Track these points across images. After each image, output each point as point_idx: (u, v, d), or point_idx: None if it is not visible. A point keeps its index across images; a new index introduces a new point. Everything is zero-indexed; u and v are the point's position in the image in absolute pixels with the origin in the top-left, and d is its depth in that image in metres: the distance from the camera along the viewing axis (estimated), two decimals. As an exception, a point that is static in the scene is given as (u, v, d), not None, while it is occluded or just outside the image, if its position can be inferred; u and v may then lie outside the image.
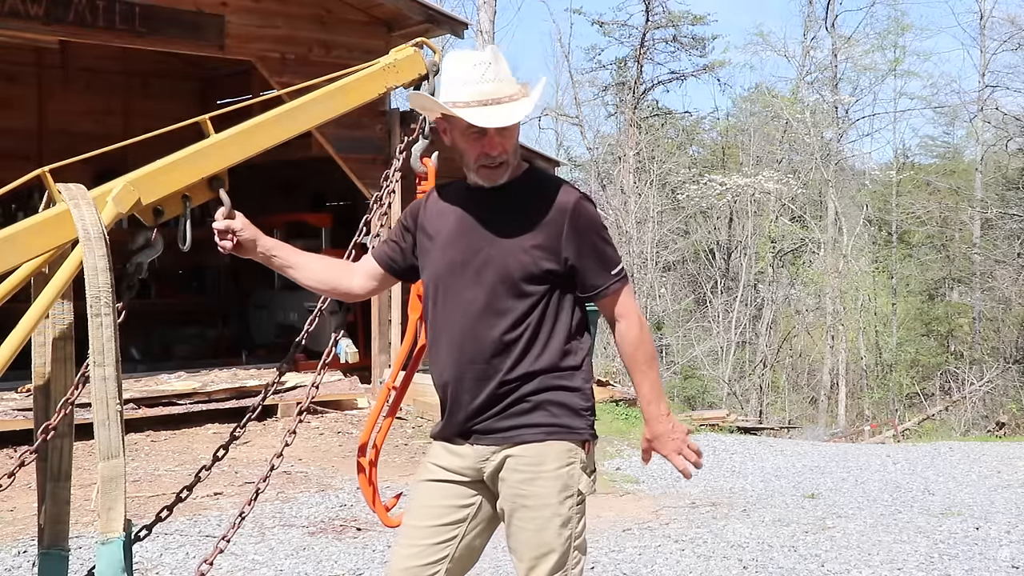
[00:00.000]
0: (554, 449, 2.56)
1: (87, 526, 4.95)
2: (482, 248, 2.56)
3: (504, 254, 2.54)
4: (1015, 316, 27.26)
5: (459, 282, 2.58)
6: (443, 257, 2.62)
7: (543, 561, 2.55)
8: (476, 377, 2.56)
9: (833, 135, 28.90)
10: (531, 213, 2.55)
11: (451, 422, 2.62)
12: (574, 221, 2.54)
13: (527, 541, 2.57)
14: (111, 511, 2.40)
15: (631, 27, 28.18)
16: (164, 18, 8.41)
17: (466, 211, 2.61)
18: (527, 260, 2.53)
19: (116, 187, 2.58)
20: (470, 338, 2.56)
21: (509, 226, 2.55)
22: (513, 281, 2.54)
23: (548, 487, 2.55)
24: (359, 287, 2.85)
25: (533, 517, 2.56)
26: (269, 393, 3.10)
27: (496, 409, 2.56)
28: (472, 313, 2.56)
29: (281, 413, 8.82)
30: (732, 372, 26.60)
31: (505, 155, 2.56)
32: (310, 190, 12.66)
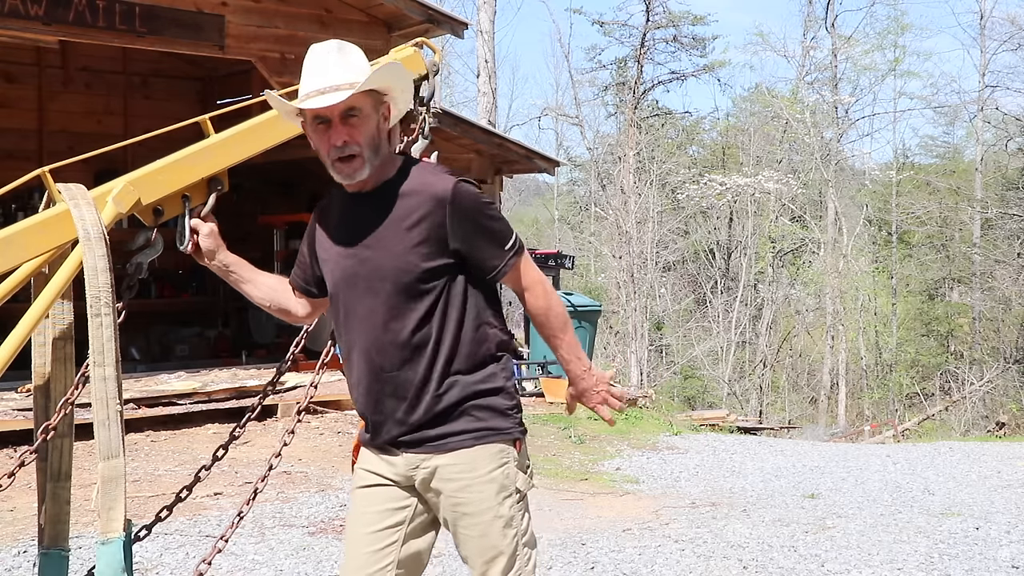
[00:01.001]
0: (485, 453, 2.53)
1: (87, 526, 4.95)
2: (369, 255, 2.50)
3: (391, 258, 2.48)
4: (1015, 316, 27.27)
5: (355, 293, 2.53)
6: (337, 270, 2.58)
7: (493, 565, 2.54)
8: (392, 388, 2.51)
9: (833, 135, 28.92)
10: (410, 209, 2.48)
11: (377, 434, 2.58)
12: (455, 207, 2.46)
13: (474, 547, 2.56)
14: (111, 511, 2.40)
15: (631, 27, 28.25)
16: (164, 18, 8.41)
17: (349, 219, 2.57)
18: (415, 259, 2.47)
19: (116, 187, 2.58)
20: (377, 349, 2.51)
21: (391, 227, 2.49)
22: (406, 284, 2.47)
23: (485, 491, 2.53)
24: (301, 310, 2.82)
25: (475, 523, 2.54)
26: (269, 393, 3.10)
27: (418, 418, 2.51)
28: (374, 324, 2.51)
29: (281, 413, 8.82)
30: (732, 372, 26.61)
31: (355, 146, 2.49)
32: (310, 190, 12.65)
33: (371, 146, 2.51)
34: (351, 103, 2.48)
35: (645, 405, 12.08)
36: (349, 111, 2.49)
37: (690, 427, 11.55)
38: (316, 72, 2.51)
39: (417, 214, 2.46)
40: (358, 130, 2.50)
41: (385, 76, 2.54)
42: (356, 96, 2.47)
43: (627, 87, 28.11)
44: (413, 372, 2.49)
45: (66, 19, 7.98)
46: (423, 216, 2.46)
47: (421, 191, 2.49)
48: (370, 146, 2.51)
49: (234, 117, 2.96)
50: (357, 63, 2.52)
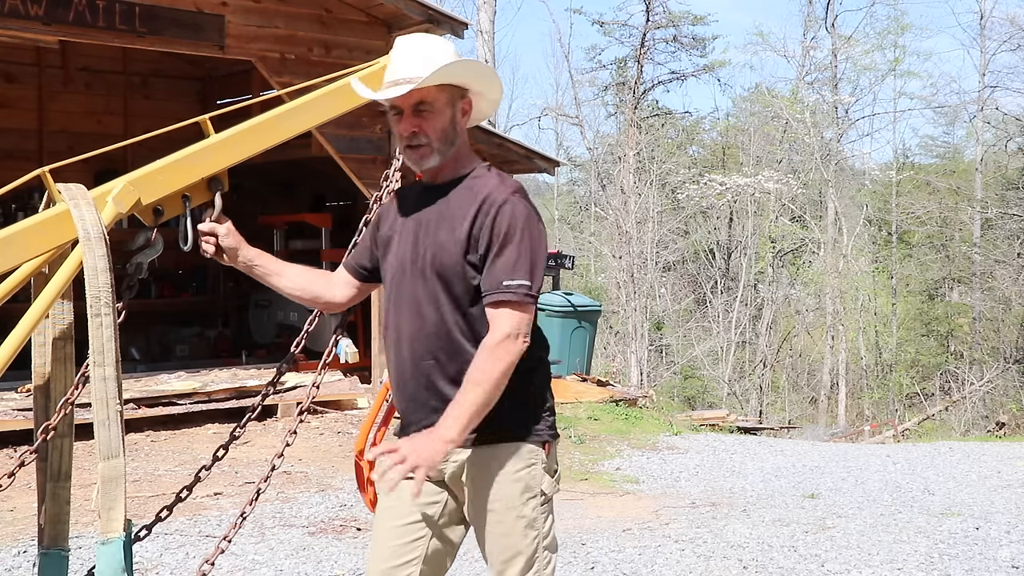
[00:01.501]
0: (514, 451, 2.55)
1: (87, 526, 4.95)
2: (424, 245, 2.55)
3: (442, 251, 2.51)
4: (1015, 316, 27.27)
5: (408, 280, 2.57)
6: (396, 256, 2.62)
7: (512, 564, 2.55)
8: (429, 376, 2.54)
9: (833, 135, 28.91)
10: (466, 208, 2.51)
11: (410, 422, 2.60)
12: (495, 216, 2.46)
13: (494, 545, 2.57)
14: (111, 511, 2.40)
15: (631, 27, 28.24)
16: (164, 18, 8.41)
17: (416, 210, 2.61)
18: (460, 256, 2.49)
19: (116, 187, 2.58)
20: (420, 337, 2.54)
21: (447, 222, 2.53)
22: (451, 278, 2.50)
23: (510, 490, 2.54)
24: (340, 296, 2.85)
25: (498, 520, 2.55)
26: (269, 393, 3.10)
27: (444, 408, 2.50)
28: (418, 312, 2.54)
29: (281, 413, 8.82)
30: (732, 372, 26.61)
31: (423, 136, 2.53)
32: (310, 190, 12.66)
33: (441, 138, 2.55)
34: (422, 96, 2.52)
35: (645, 405, 12.08)
36: (420, 104, 2.53)
37: (690, 427, 11.55)
38: (394, 63, 2.57)
39: (470, 213, 2.49)
40: (428, 122, 2.53)
41: (456, 71, 2.54)
42: (429, 90, 2.52)
43: (627, 87, 28.11)
44: (449, 364, 2.51)
45: (66, 19, 7.98)
46: (472, 216, 2.48)
47: (480, 193, 2.52)
48: (440, 138, 2.55)
49: (234, 117, 2.96)
50: (434, 56, 2.53)
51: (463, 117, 2.61)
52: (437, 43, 2.60)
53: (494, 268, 2.45)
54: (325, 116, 3.03)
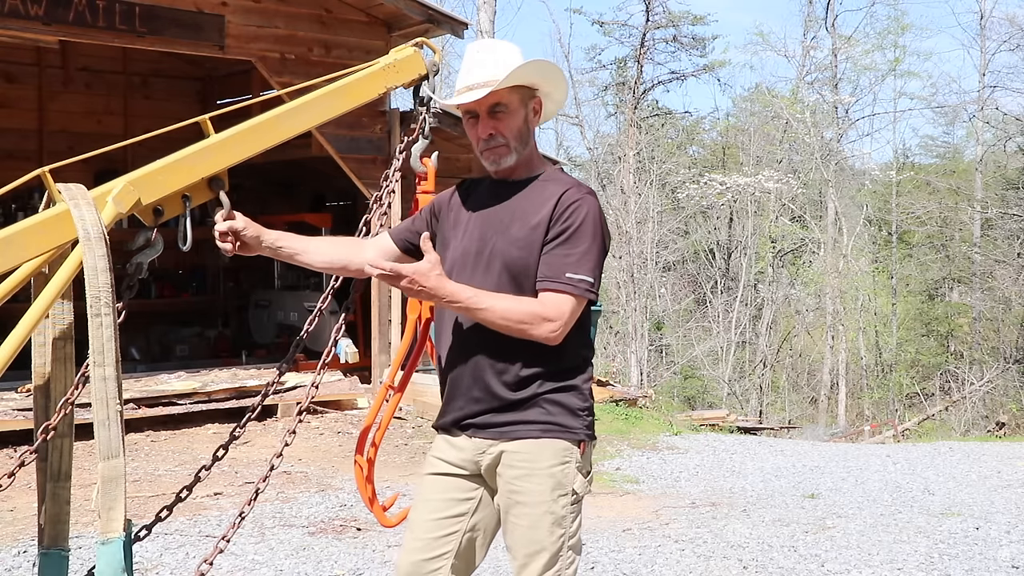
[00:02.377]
0: (549, 447, 2.57)
1: (87, 526, 4.95)
2: (492, 238, 2.59)
3: (510, 245, 2.56)
4: (1015, 316, 27.26)
5: (469, 273, 2.59)
6: (458, 247, 2.66)
7: (535, 559, 2.56)
8: (476, 367, 2.58)
9: (833, 135, 28.91)
10: (539, 206, 2.57)
11: (449, 409, 2.65)
12: (565, 209, 2.52)
13: (520, 538, 2.58)
14: (111, 511, 2.40)
15: (631, 27, 28.23)
16: (164, 18, 8.41)
17: (484, 204, 2.66)
18: (530, 253, 2.54)
19: (116, 187, 2.58)
20: (473, 328, 2.57)
21: (519, 218, 2.58)
22: (514, 272, 2.55)
23: (542, 484, 2.56)
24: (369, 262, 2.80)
25: (526, 514, 2.57)
26: (269, 393, 3.10)
27: (494, 403, 2.57)
28: None
29: (281, 413, 8.82)
30: (732, 372, 26.60)
31: (500, 137, 2.61)
32: (310, 190, 12.67)
33: (517, 138, 2.63)
34: (496, 99, 2.60)
35: (645, 405, 12.08)
36: (495, 106, 2.61)
37: (690, 427, 11.55)
38: (465, 70, 2.64)
39: (545, 210, 2.55)
40: (503, 123, 2.62)
41: (529, 72, 2.61)
42: (502, 92, 2.59)
43: (627, 87, 28.10)
44: (497, 356, 2.55)
45: (66, 19, 7.98)
46: (543, 213, 2.54)
47: (556, 190, 2.57)
48: (516, 138, 2.63)
49: (234, 117, 2.96)
50: (504, 60, 2.61)
51: (535, 117, 2.69)
52: (505, 47, 2.68)
53: (559, 258, 2.50)
54: (325, 116, 3.03)
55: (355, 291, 3.16)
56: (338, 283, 3.14)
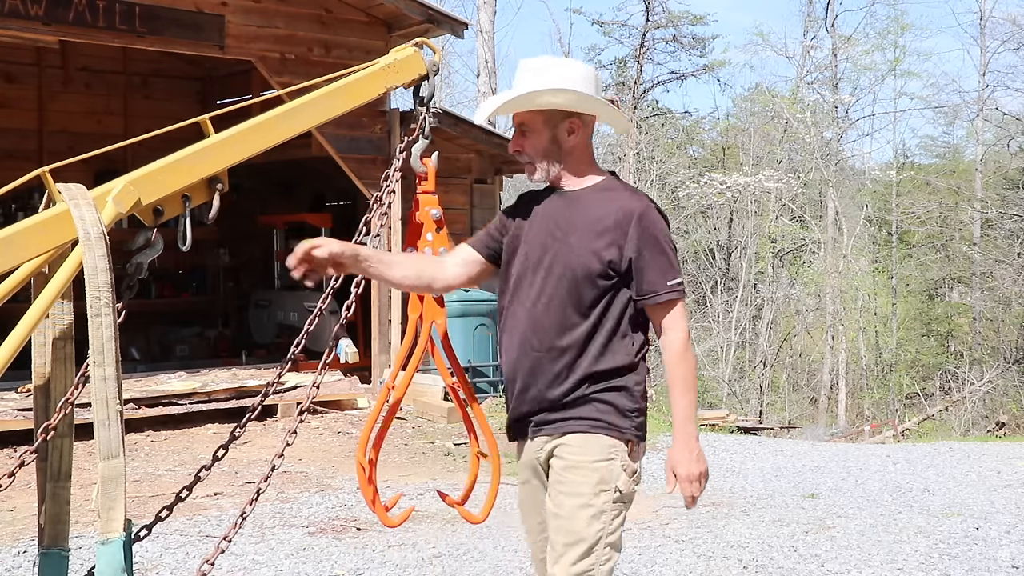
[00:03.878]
0: (596, 442, 2.68)
1: (87, 526, 4.95)
2: (555, 245, 2.71)
3: (574, 253, 2.68)
4: (1015, 316, 27.25)
5: (531, 277, 2.74)
6: (522, 253, 2.78)
7: (571, 549, 2.64)
8: (534, 366, 2.71)
9: (833, 135, 28.90)
10: (601, 216, 2.69)
11: (513, 407, 2.81)
12: (640, 225, 2.66)
13: (559, 527, 2.68)
14: (111, 511, 2.40)
15: (631, 27, 28.20)
16: (164, 18, 8.41)
17: (546, 212, 2.78)
18: (591, 260, 2.67)
19: (116, 187, 2.58)
20: (532, 330, 2.72)
21: (582, 227, 2.70)
22: (576, 279, 2.67)
23: (585, 478, 2.66)
24: (454, 276, 2.93)
25: (568, 504, 2.67)
26: (269, 393, 3.10)
27: (550, 401, 2.71)
28: (537, 307, 2.72)
29: (281, 413, 8.82)
30: (732, 372, 26.59)
31: (524, 155, 2.77)
32: (310, 190, 12.66)
33: (543, 155, 2.76)
34: (521, 119, 2.77)
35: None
36: (521, 124, 2.77)
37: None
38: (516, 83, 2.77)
39: (609, 222, 2.67)
40: (528, 141, 2.77)
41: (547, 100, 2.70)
42: (524, 113, 2.76)
43: (627, 87, 28.08)
44: (556, 357, 2.69)
45: (66, 19, 7.98)
46: (611, 224, 2.67)
47: (616, 202, 2.71)
48: (541, 155, 2.76)
49: (234, 117, 2.96)
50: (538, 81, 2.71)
51: (570, 136, 2.76)
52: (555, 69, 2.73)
53: (654, 270, 2.66)
54: (325, 116, 3.03)
55: (355, 290, 3.16)
56: (338, 283, 3.14)
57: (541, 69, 2.74)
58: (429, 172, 3.16)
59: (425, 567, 4.98)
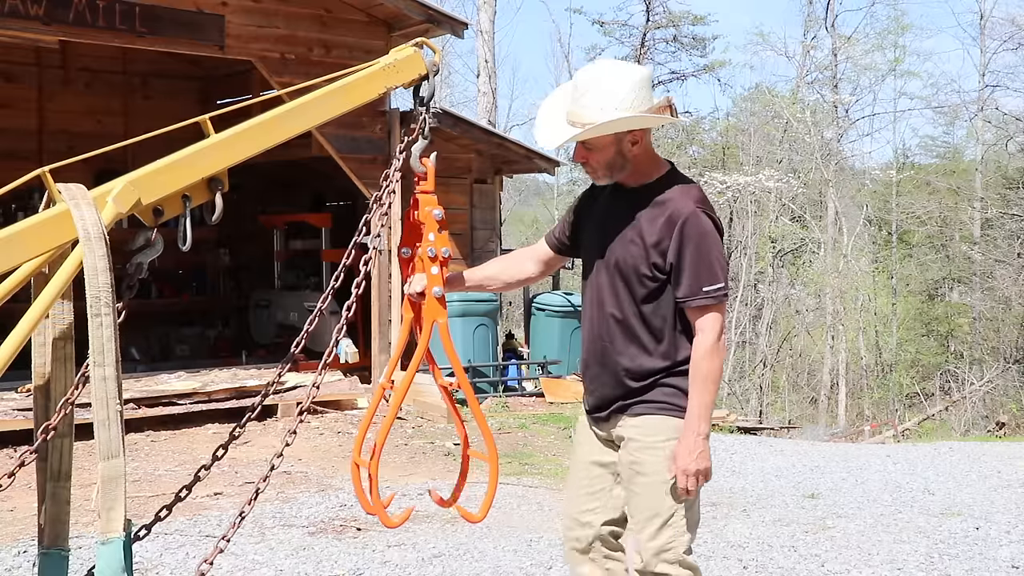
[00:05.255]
0: (666, 424, 2.88)
1: (87, 526, 4.95)
2: (613, 241, 2.91)
3: (628, 249, 2.87)
4: (1015, 316, 27.23)
5: (596, 268, 2.97)
6: (587, 248, 3.03)
7: (649, 524, 2.86)
8: (603, 354, 2.94)
9: (833, 135, 28.89)
10: (654, 216, 2.84)
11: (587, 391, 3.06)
12: (684, 228, 2.79)
13: (639, 504, 2.90)
14: (111, 511, 2.40)
15: (631, 27, 28.21)
16: (164, 18, 8.41)
17: (606, 208, 2.99)
18: (644, 257, 2.84)
19: (116, 187, 2.58)
20: (598, 319, 2.95)
21: (633, 223, 2.87)
22: (632, 274, 2.87)
23: (658, 456, 2.86)
24: (534, 270, 3.26)
25: (644, 483, 2.88)
26: (269, 393, 3.10)
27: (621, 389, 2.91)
28: (601, 297, 2.95)
29: (281, 413, 8.82)
30: (732, 372, 26.58)
31: (591, 167, 2.92)
32: (310, 190, 12.66)
33: (607, 167, 2.91)
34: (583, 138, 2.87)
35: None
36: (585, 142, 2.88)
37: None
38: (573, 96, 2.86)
39: (658, 222, 2.83)
40: (593, 156, 2.90)
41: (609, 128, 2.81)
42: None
43: (627, 87, 28.05)
44: (619, 345, 2.90)
45: (66, 19, 7.98)
46: (661, 223, 2.82)
47: (668, 204, 2.84)
48: (606, 167, 2.91)
49: (234, 117, 2.96)
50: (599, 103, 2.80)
51: (633, 146, 2.88)
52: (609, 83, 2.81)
53: (691, 275, 2.79)
54: (325, 116, 3.03)
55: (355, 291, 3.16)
56: (338, 283, 3.14)
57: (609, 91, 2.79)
58: (428, 172, 3.15)
59: (425, 567, 4.98)
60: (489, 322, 10.93)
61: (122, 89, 12.35)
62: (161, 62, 12.13)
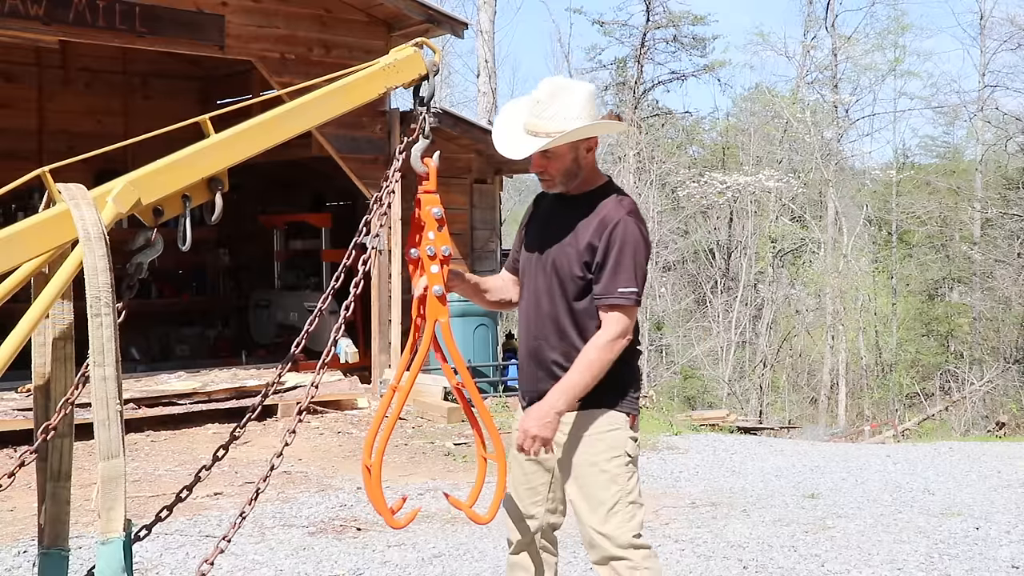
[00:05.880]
0: (604, 415, 3.04)
1: (87, 526, 4.95)
2: (550, 245, 3.10)
3: (563, 253, 3.06)
4: (1015, 316, 27.24)
5: (533, 274, 3.14)
6: (528, 252, 3.20)
7: (595, 513, 3.02)
8: (537, 352, 3.10)
9: (833, 135, 28.90)
10: (589, 219, 3.03)
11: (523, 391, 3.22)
12: (613, 231, 2.97)
13: (584, 495, 3.04)
14: (111, 511, 2.40)
15: (631, 27, 28.22)
16: (164, 18, 8.41)
17: (547, 214, 3.19)
18: (574, 256, 3.03)
19: (116, 187, 2.58)
20: (534, 318, 3.12)
21: (573, 230, 3.05)
22: (565, 274, 3.04)
23: (596, 448, 3.02)
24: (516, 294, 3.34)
25: (588, 474, 3.03)
26: (269, 393, 3.10)
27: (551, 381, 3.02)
28: (539, 299, 3.12)
29: (281, 413, 8.81)
30: (732, 372, 26.58)
31: (547, 175, 3.09)
32: (310, 190, 12.66)
33: (564, 174, 3.09)
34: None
35: (645, 405, 12.08)
36: (546, 152, 3.03)
37: (690, 427, 11.55)
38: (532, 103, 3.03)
39: (591, 225, 3.02)
40: (552, 164, 3.07)
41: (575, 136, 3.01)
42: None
43: (627, 87, 28.09)
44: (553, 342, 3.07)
45: (66, 19, 7.98)
46: (593, 228, 3.01)
47: (602, 209, 3.04)
48: (563, 174, 3.09)
49: (234, 117, 2.96)
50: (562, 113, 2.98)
51: (588, 152, 3.10)
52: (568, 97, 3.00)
53: (610, 276, 2.97)
54: (325, 116, 3.02)
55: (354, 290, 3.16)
56: (338, 283, 3.14)
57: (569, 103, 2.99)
58: (430, 172, 3.15)
59: (425, 567, 4.98)
60: (489, 322, 10.93)
61: (122, 89, 12.36)
62: (161, 62, 12.13)
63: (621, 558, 3.01)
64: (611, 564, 3.02)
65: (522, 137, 3.03)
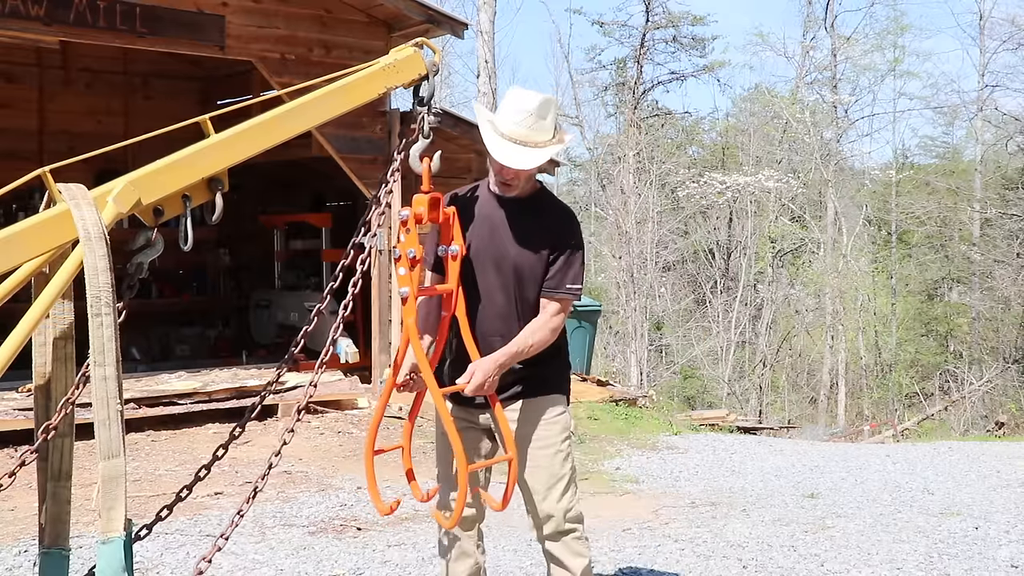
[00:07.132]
0: (558, 400, 3.37)
1: (88, 525, 4.95)
2: (505, 245, 3.24)
3: (521, 251, 3.23)
4: (1015, 316, 27.25)
5: (483, 271, 3.25)
6: (477, 246, 3.24)
7: (555, 488, 3.29)
8: (492, 346, 3.21)
9: (833, 135, 28.90)
10: (547, 221, 3.29)
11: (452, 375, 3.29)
12: (571, 235, 3.30)
13: (540, 473, 3.29)
14: (111, 511, 2.41)
15: (631, 27, 28.23)
16: (165, 18, 8.40)
17: (492, 212, 3.30)
18: (538, 258, 3.23)
19: (116, 187, 2.58)
20: (488, 313, 3.25)
21: (530, 229, 3.25)
22: (524, 274, 3.24)
23: (552, 429, 3.33)
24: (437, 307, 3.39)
25: (545, 454, 3.30)
26: (269, 393, 3.11)
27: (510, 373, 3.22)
28: (492, 295, 3.25)
29: (281, 413, 8.81)
30: (732, 372, 26.59)
31: (516, 180, 3.25)
32: (310, 190, 12.66)
33: (527, 178, 3.30)
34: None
35: (645, 405, 12.08)
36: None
37: (690, 427, 11.55)
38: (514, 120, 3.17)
39: (554, 227, 3.29)
40: (522, 175, 3.24)
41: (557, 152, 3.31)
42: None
43: (627, 87, 28.10)
44: (504, 338, 3.21)
45: (66, 19, 7.97)
46: (554, 229, 3.28)
47: (556, 213, 3.34)
48: (527, 179, 3.30)
49: (234, 117, 2.97)
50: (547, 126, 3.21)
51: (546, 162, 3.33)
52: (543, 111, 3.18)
53: (562, 272, 3.26)
54: (325, 116, 3.03)
55: (353, 289, 3.17)
56: (337, 283, 3.15)
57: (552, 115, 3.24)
58: (423, 172, 3.16)
59: (425, 567, 4.99)
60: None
61: (123, 89, 12.35)
62: (162, 62, 12.13)
63: (570, 531, 3.32)
64: (563, 540, 3.32)
65: (517, 148, 3.14)
